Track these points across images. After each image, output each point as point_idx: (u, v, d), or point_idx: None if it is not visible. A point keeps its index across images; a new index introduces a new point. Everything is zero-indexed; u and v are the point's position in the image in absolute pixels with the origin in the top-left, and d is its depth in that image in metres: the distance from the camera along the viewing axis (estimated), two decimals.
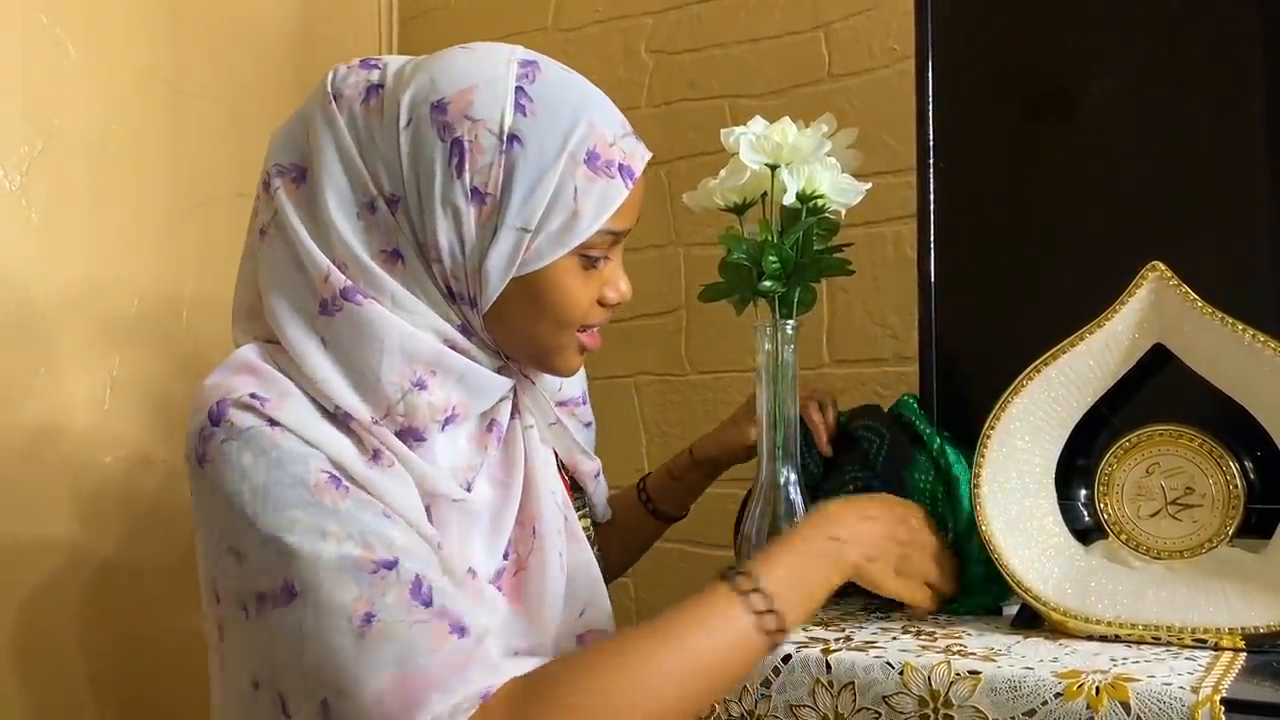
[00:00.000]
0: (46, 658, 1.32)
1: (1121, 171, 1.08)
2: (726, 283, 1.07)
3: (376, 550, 0.82)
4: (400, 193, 0.89)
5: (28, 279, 1.32)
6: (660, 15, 1.65)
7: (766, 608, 0.84)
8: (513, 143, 0.88)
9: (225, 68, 1.56)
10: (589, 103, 0.92)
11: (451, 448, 0.94)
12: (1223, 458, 0.93)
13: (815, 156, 1.03)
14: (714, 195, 1.07)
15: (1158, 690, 0.76)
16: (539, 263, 0.89)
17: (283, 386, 0.87)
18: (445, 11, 1.83)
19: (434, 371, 0.90)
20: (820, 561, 0.89)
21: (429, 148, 0.88)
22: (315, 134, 0.91)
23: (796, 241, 1.04)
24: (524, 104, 0.89)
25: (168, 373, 1.46)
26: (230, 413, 0.85)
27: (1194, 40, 1.05)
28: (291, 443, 0.84)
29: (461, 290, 0.91)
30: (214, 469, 0.85)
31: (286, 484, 0.83)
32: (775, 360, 1.06)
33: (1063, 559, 0.96)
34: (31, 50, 1.32)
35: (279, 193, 0.91)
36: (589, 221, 0.89)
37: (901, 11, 1.44)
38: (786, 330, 1.06)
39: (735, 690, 0.90)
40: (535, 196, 0.88)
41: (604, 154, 0.90)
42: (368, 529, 0.83)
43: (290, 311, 0.89)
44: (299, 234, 0.89)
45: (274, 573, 0.83)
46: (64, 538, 1.34)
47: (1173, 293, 0.94)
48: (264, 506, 0.83)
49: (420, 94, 0.89)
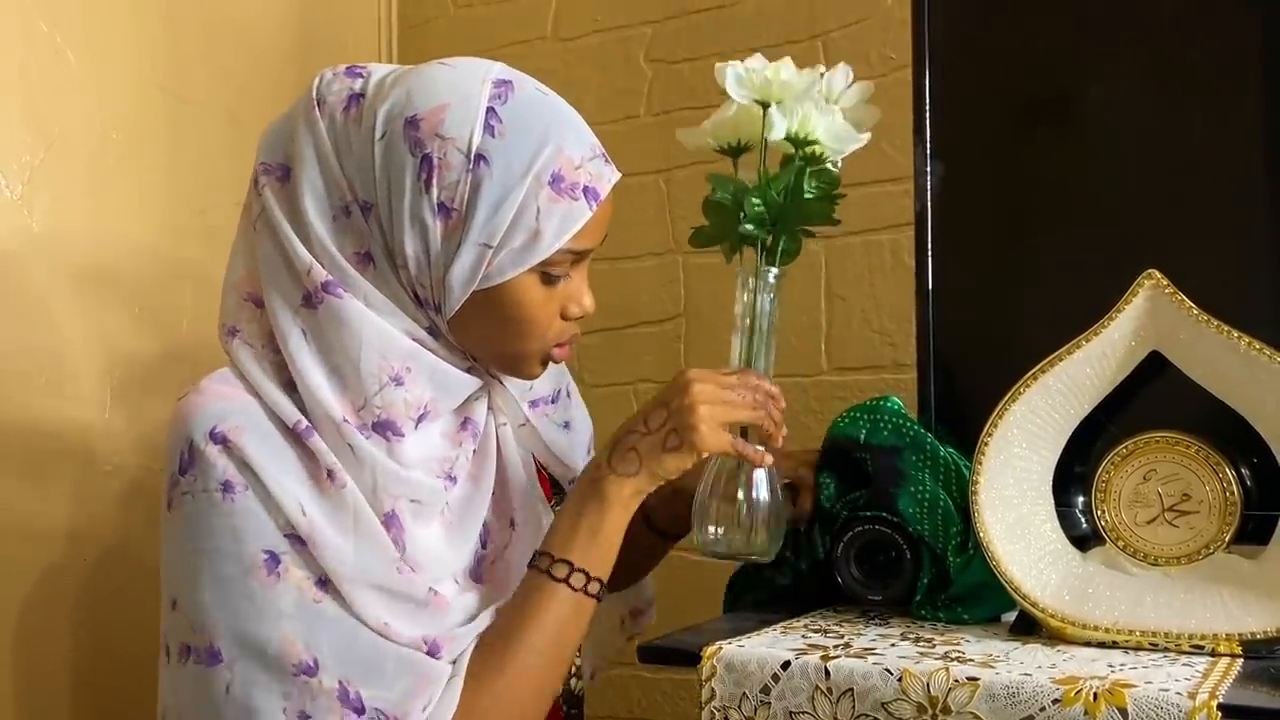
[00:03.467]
0: (44, 664, 1.32)
1: (1118, 179, 1.08)
2: (711, 225, 1.04)
3: (298, 651, 0.88)
4: (372, 200, 0.93)
5: (29, 286, 1.32)
6: (659, 24, 1.66)
7: (583, 584, 0.94)
8: (479, 162, 0.91)
9: (225, 75, 1.56)
10: (558, 126, 0.94)
11: (425, 443, 0.97)
12: (1219, 464, 0.93)
13: (808, 96, 1.00)
14: (706, 135, 1.04)
15: (1155, 696, 0.76)
16: (500, 278, 0.93)
17: (250, 413, 0.92)
18: (445, 20, 1.84)
19: (409, 368, 0.94)
20: (594, 506, 0.95)
21: (400, 161, 0.92)
22: (298, 137, 0.95)
23: (786, 187, 1.01)
24: (493, 125, 0.92)
25: (168, 380, 1.46)
26: (198, 461, 0.91)
27: (1190, 48, 1.05)
28: (246, 507, 0.89)
29: (427, 297, 0.95)
30: (173, 520, 0.93)
31: (228, 561, 0.89)
32: (753, 309, 1.02)
33: (1060, 565, 0.96)
34: (32, 57, 1.33)
35: (265, 190, 0.96)
36: (550, 241, 0.92)
37: (898, 20, 1.45)
38: (768, 278, 1.02)
39: (734, 697, 0.90)
40: (499, 215, 0.91)
41: (569, 176, 0.93)
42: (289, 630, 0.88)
43: (279, 304, 0.94)
44: (284, 230, 0.94)
45: (203, 634, 0.90)
46: (64, 545, 1.34)
47: (1169, 300, 0.94)
48: (204, 578, 0.90)
49: (396, 108, 0.93)
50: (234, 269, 1.00)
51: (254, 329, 0.97)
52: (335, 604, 0.90)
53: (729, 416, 0.97)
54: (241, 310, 0.98)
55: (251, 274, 0.97)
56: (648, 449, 0.96)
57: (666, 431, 0.96)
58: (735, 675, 0.90)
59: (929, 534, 1.02)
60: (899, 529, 1.03)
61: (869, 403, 1.08)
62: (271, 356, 0.95)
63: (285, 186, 0.96)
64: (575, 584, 0.94)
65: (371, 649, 0.90)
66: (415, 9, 1.86)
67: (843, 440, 1.08)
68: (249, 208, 0.98)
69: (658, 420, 0.96)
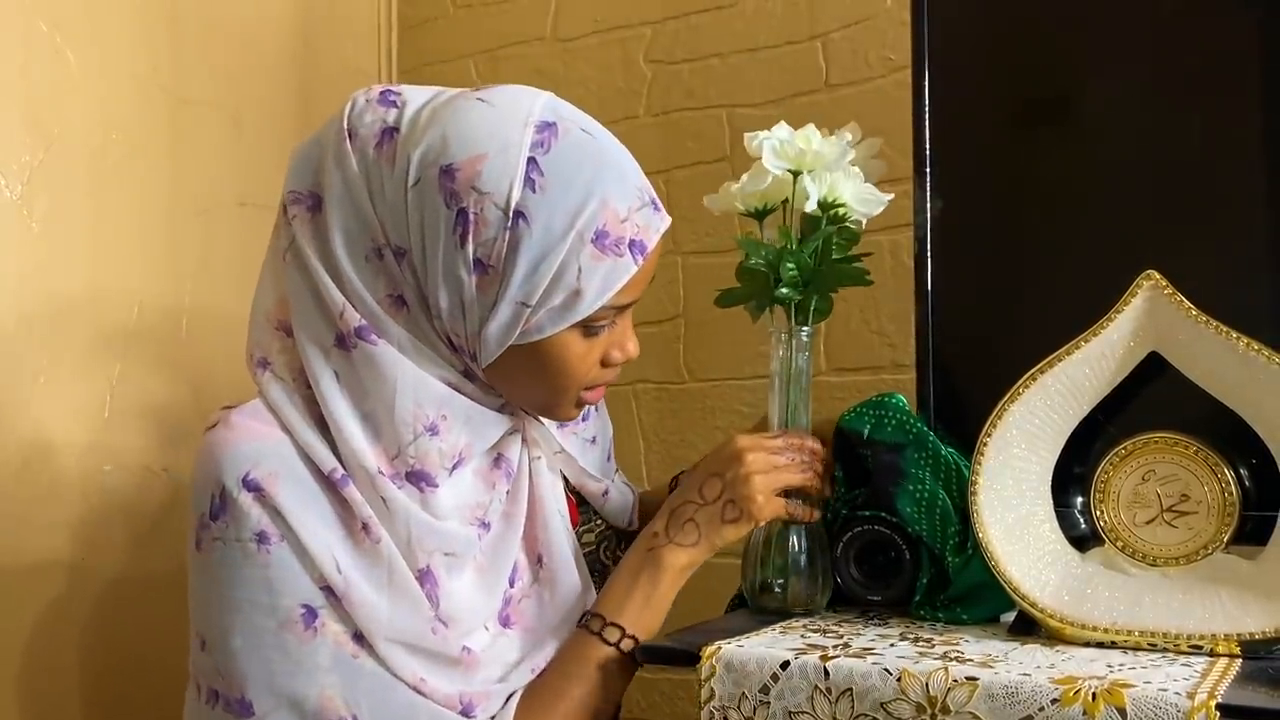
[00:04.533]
0: (43, 667, 1.32)
1: (1117, 180, 1.08)
2: (743, 288, 1.06)
3: (337, 708, 0.87)
4: (406, 246, 0.89)
5: (28, 288, 1.32)
6: (658, 25, 1.66)
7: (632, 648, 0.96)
8: (519, 220, 0.87)
9: (226, 76, 1.56)
10: (605, 175, 0.90)
11: (458, 489, 0.95)
12: (1218, 465, 0.93)
13: (838, 164, 1.03)
14: (735, 199, 1.07)
15: (1154, 696, 0.76)
16: (539, 335, 0.90)
17: (283, 455, 0.89)
18: (444, 20, 1.84)
19: (444, 415, 0.91)
20: (649, 577, 0.98)
21: (435, 212, 0.88)
22: (329, 170, 0.91)
23: (815, 249, 1.04)
24: (534, 178, 0.87)
25: (168, 382, 1.46)
26: (230, 508, 0.87)
27: (1190, 49, 1.06)
28: (281, 559, 0.87)
29: (461, 345, 0.92)
30: (203, 562, 0.89)
31: (262, 613, 0.87)
32: (789, 367, 1.06)
33: (1059, 566, 0.96)
34: (32, 58, 1.33)
35: (295, 221, 0.92)
36: (591, 299, 0.89)
37: (898, 21, 1.45)
38: (801, 337, 1.06)
39: (734, 697, 0.90)
40: (538, 274, 0.87)
41: (614, 231, 0.89)
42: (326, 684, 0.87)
43: (311, 342, 0.91)
44: (315, 268, 0.91)
45: (232, 683, 0.88)
46: (62, 547, 1.34)
47: (1168, 301, 0.94)
48: (235, 627, 0.87)
49: (431, 153, 0.88)
50: (264, 296, 0.96)
51: (284, 360, 0.93)
52: (371, 659, 0.88)
53: (782, 483, 1.00)
54: (273, 340, 0.94)
55: (282, 303, 0.94)
56: (706, 520, 0.98)
57: (724, 503, 0.97)
58: (734, 675, 0.90)
59: (927, 534, 1.03)
60: (898, 529, 1.04)
61: (875, 398, 1.08)
62: (303, 391, 0.92)
63: (316, 218, 0.92)
64: (625, 649, 0.96)
65: (408, 707, 0.89)
66: (415, 9, 1.86)
67: (848, 433, 1.08)
68: (278, 235, 0.95)
69: (713, 491, 0.98)
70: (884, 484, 1.05)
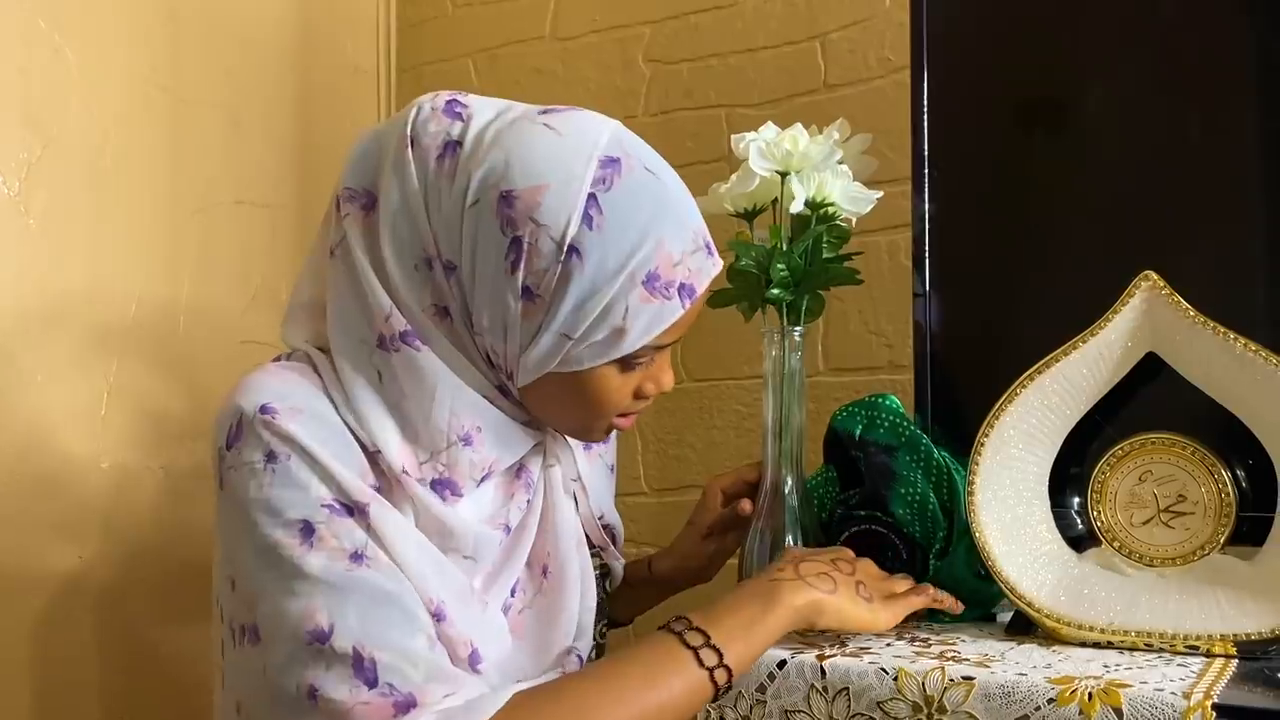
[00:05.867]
0: (38, 663, 1.32)
1: (1115, 181, 1.08)
2: (734, 289, 1.07)
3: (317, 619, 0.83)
4: (456, 262, 0.89)
5: (25, 285, 1.32)
6: (657, 25, 1.66)
7: (717, 662, 0.86)
8: (572, 254, 0.86)
9: (224, 74, 1.56)
10: (663, 217, 0.89)
11: (479, 501, 0.95)
12: (1215, 466, 0.94)
13: (826, 164, 1.03)
14: (724, 201, 1.07)
15: (1150, 696, 0.77)
16: (578, 366, 0.89)
17: (313, 401, 0.88)
18: (444, 19, 1.84)
19: (479, 427, 0.91)
20: (762, 603, 0.89)
21: (489, 235, 0.87)
22: (387, 174, 0.90)
23: (805, 249, 1.04)
24: (593, 215, 0.86)
25: (165, 379, 1.46)
26: (244, 434, 0.86)
27: (1187, 50, 1.06)
28: (287, 474, 0.85)
29: (500, 364, 0.91)
30: (224, 496, 0.88)
31: (266, 529, 0.85)
32: (782, 367, 1.06)
33: (1056, 566, 0.96)
34: (30, 56, 1.33)
35: (347, 219, 0.92)
36: (635, 338, 0.89)
37: (897, 22, 1.45)
38: (794, 337, 1.06)
39: (730, 696, 0.90)
40: (584, 309, 0.87)
41: (665, 275, 0.88)
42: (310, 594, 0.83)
43: (348, 339, 0.90)
44: (364, 268, 0.90)
45: (252, 612, 0.86)
46: (59, 544, 1.34)
47: (1165, 302, 0.94)
48: (248, 554, 0.86)
49: (493, 176, 0.87)
50: (306, 290, 0.96)
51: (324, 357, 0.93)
52: (368, 572, 0.84)
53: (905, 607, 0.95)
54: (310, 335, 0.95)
55: (322, 299, 0.93)
56: (844, 582, 0.92)
57: (857, 582, 0.93)
58: None
59: (920, 535, 1.03)
60: (895, 529, 1.04)
61: (867, 398, 1.08)
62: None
63: (369, 218, 0.91)
64: (705, 660, 0.86)
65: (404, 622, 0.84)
66: (414, 8, 1.86)
67: (841, 434, 1.08)
68: (326, 230, 0.94)
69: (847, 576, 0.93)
70: (877, 486, 1.05)
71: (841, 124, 1.07)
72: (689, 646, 0.86)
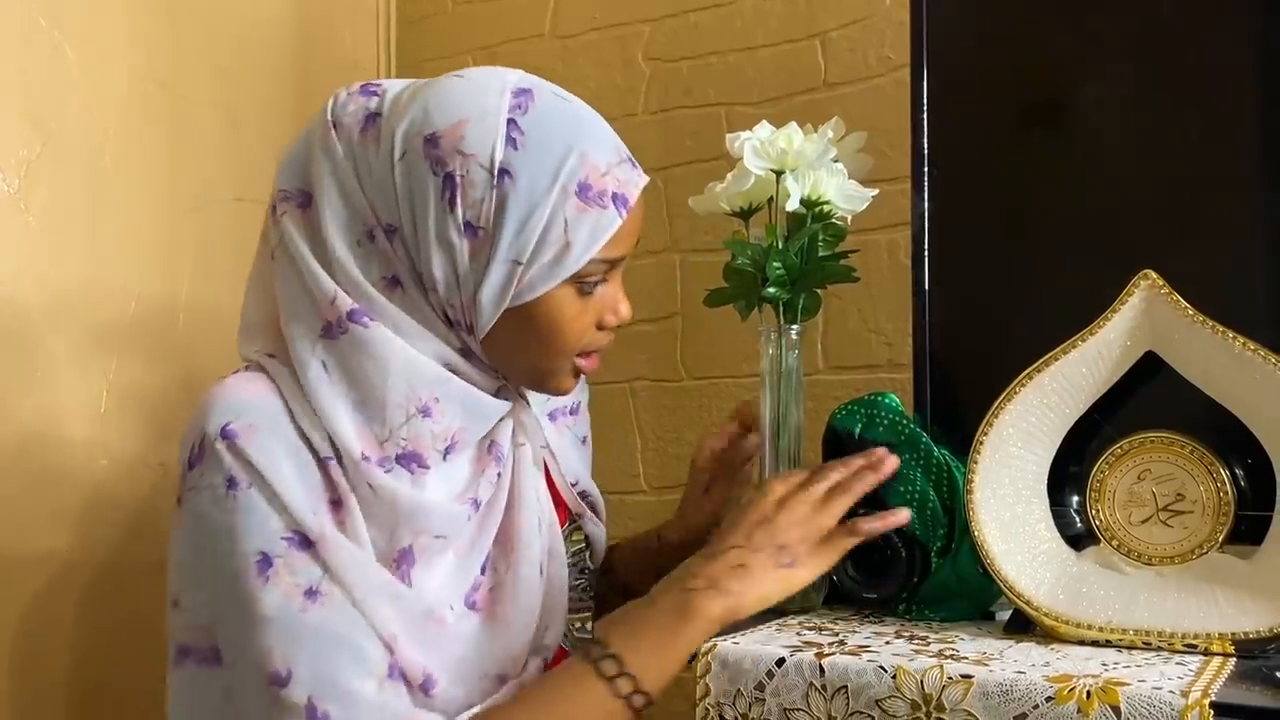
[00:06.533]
0: (37, 661, 1.32)
1: (1115, 180, 1.08)
2: (731, 288, 1.07)
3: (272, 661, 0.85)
4: (396, 222, 0.91)
5: (25, 282, 1.32)
6: (657, 23, 1.66)
7: (633, 689, 0.88)
8: (504, 177, 0.89)
9: (223, 72, 1.56)
10: (582, 132, 0.92)
11: (450, 477, 0.95)
12: (1214, 465, 0.94)
13: (820, 162, 1.04)
14: (719, 200, 1.08)
15: (1148, 694, 0.77)
16: (532, 293, 0.91)
17: (270, 413, 0.90)
18: (443, 17, 1.84)
19: (437, 398, 0.92)
20: (676, 619, 0.90)
21: (422, 181, 0.90)
22: (316, 162, 0.93)
23: (801, 248, 1.04)
24: (515, 137, 0.89)
25: (164, 377, 1.46)
26: (206, 457, 0.88)
27: (1188, 50, 1.06)
28: (249, 504, 0.87)
29: (458, 317, 0.92)
30: (179, 517, 0.91)
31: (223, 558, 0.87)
32: (779, 366, 1.06)
33: (1055, 565, 0.97)
34: (30, 53, 1.33)
35: (284, 219, 0.93)
36: (580, 252, 0.90)
37: (897, 21, 1.45)
38: (791, 335, 1.06)
39: (729, 694, 0.90)
40: (527, 230, 0.89)
41: (596, 184, 0.91)
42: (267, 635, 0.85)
43: (299, 335, 0.91)
44: (305, 259, 0.91)
45: (201, 633, 0.89)
46: (59, 542, 1.34)
47: (1164, 301, 0.94)
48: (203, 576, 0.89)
49: (414, 126, 0.90)
50: (253, 307, 0.97)
51: (280, 360, 0.93)
52: (321, 612, 0.86)
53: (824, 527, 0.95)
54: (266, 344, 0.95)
55: (272, 309, 0.94)
56: (760, 566, 0.92)
57: (776, 548, 0.93)
58: (730, 672, 0.90)
59: (920, 534, 1.03)
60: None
61: (867, 396, 1.08)
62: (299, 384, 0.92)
63: (306, 213, 0.93)
64: (620, 689, 0.88)
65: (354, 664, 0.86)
66: (413, 6, 1.86)
67: (840, 432, 1.08)
68: (266, 238, 0.96)
69: (764, 539, 0.93)
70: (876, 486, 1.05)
71: (836, 122, 1.07)
72: (604, 677, 0.88)
